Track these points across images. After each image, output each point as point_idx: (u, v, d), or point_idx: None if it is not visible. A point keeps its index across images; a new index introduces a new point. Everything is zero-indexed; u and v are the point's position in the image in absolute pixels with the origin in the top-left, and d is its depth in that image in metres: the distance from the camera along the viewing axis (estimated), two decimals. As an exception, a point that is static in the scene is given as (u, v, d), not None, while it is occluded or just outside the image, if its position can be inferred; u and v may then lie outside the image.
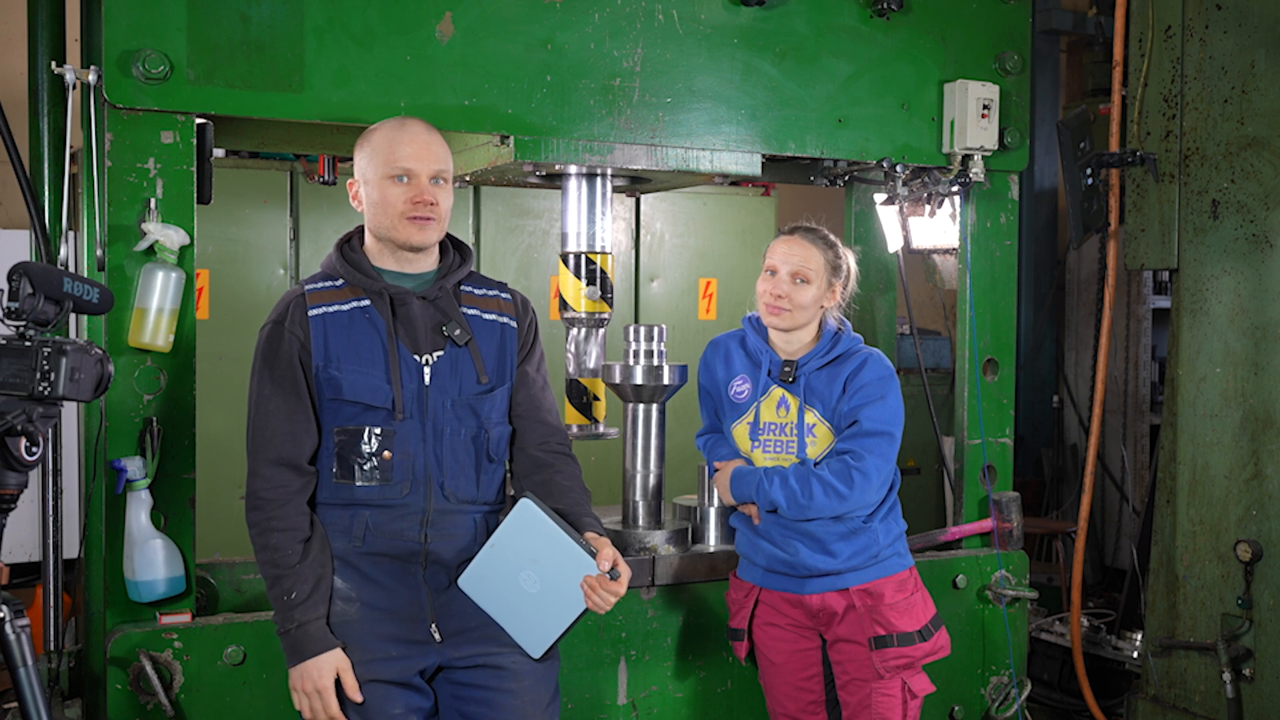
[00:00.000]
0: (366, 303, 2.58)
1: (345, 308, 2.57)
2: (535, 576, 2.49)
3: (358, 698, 2.47)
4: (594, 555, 2.46)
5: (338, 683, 2.48)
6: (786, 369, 3.12)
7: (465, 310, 2.65)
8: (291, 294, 2.60)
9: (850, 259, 3.18)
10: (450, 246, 2.71)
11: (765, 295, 3.10)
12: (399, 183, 2.54)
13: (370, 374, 2.54)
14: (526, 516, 2.48)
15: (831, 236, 3.16)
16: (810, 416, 3.09)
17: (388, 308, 2.57)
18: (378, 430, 2.53)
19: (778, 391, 3.13)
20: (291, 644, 2.48)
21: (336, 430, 2.55)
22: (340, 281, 2.60)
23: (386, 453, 2.53)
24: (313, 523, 2.55)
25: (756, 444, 3.15)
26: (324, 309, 2.56)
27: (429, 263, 2.65)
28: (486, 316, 2.67)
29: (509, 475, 2.77)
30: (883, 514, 3.12)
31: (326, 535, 2.57)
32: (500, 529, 2.52)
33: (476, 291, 2.69)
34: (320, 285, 2.60)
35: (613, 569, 2.47)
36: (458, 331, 2.60)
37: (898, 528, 3.17)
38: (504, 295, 2.73)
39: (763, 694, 3.30)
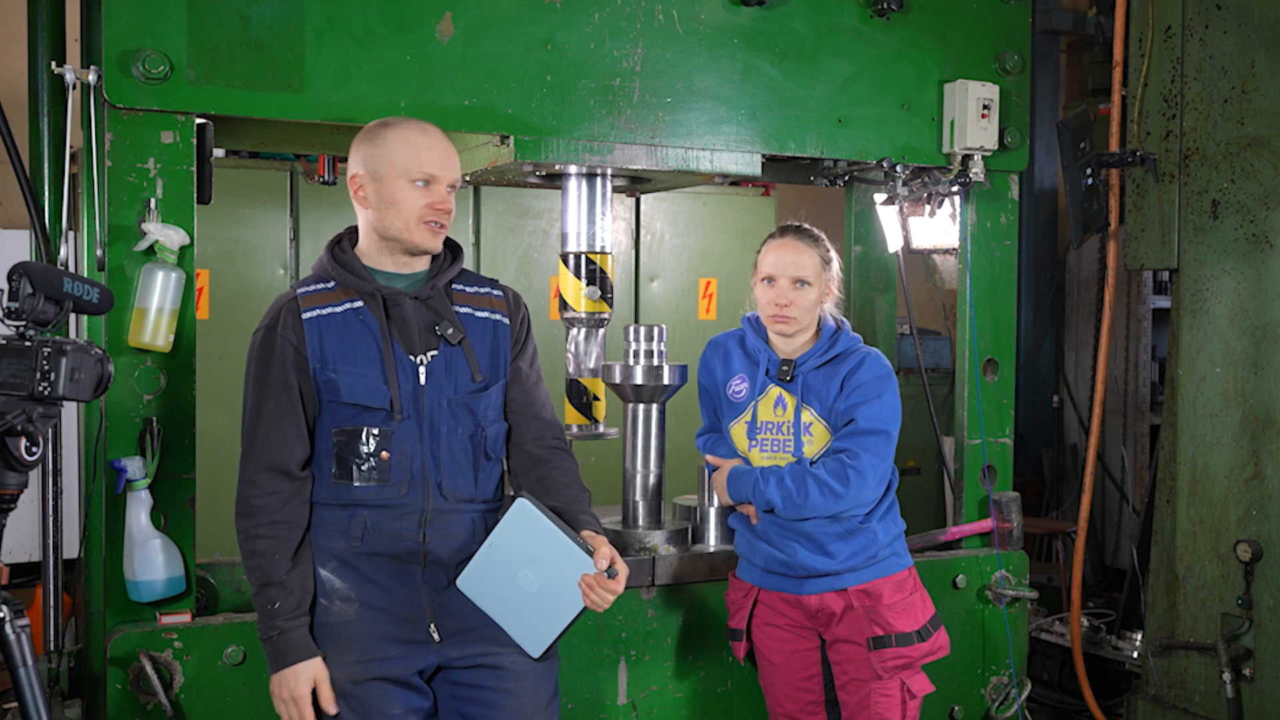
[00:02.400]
0: (360, 304, 2.57)
1: (339, 310, 2.56)
2: (533, 576, 2.49)
3: (331, 709, 2.49)
4: (591, 554, 2.46)
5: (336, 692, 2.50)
6: (784, 368, 3.12)
7: (458, 309, 2.65)
8: (283, 298, 2.59)
9: (833, 249, 3.19)
10: (442, 246, 2.72)
11: (769, 306, 3.10)
12: (420, 187, 2.54)
13: (367, 375, 2.54)
14: (524, 516, 2.48)
15: (817, 231, 3.16)
16: (807, 415, 3.09)
17: (381, 309, 2.56)
18: (375, 431, 2.53)
19: (775, 390, 3.14)
20: (274, 650, 2.49)
21: (335, 431, 2.55)
22: (332, 284, 2.59)
23: (384, 453, 2.53)
24: (304, 531, 2.55)
25: (754, 443, 3.15)
26: (317, 312, 2.55)
27: (421, 263, 2.65)
28: (479, 314, 2.67)
29: (506, 472, 2.77)
30: (880, 514, 3.12)
31: (321, 538, 2.57)
32: (498, 528, 2.51)
33: (468, 289, 2.69)
34: (312, 288, 2.59)
35: (610, 567, 2.47)
36: (450, 330, 2.59)
37: (896, 528, 3.17)
38: (495, 292, 2.72)
39: (762, 694, 3.30)
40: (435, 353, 2.59)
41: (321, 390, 2.54)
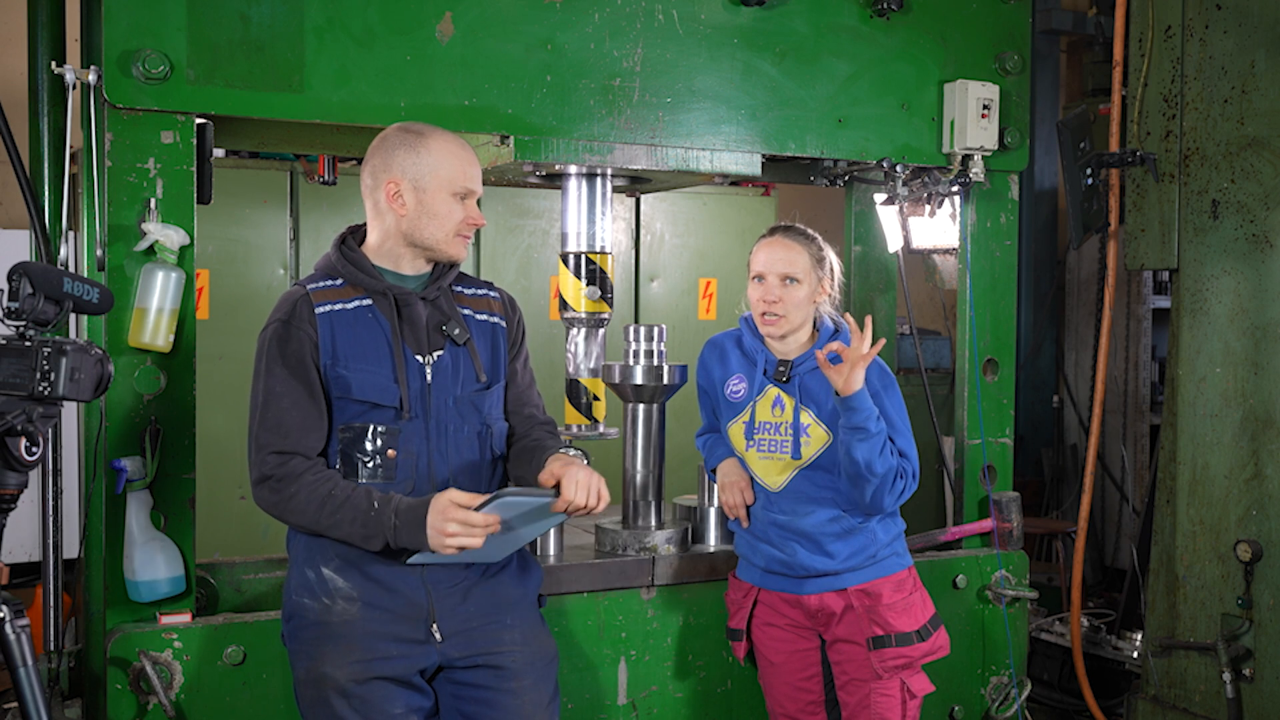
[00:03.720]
0: (369, 302, 2.59)
1: (350, 306, 2.58)
2: (515, 523, 2.51)
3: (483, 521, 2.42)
4: (554, 494, 2.47)
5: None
6: (781, 369, 3.12)
7: (459, 310, 2.67)
8: (294, 293, 2.59)
9: (830, 250, 3.17)
10: None
11: (758, 304, 3.10)
12: (460, 201, 2.59)
13: (377, 373, 2.55)
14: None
15: (810, 231, 3.16)
16: (805, 416, 3.09)
17: (392, 308, 2.58)
18: (381, 429, 2.54)
19: (773, 391, 3.13)
20: (407, 525, 2.41)
21: (341, 427, 2.55)
22: (340, 281, 2.60)
23: (391, 451, 2.54)
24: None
25: (751, 443, 3.15)
26: (330, 307, 2.56)
27: (426, 264, 2.67)
28: (479, 316, 2.70)
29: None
30: (881, 514, 3.12)
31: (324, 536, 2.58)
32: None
33: (467, 292, 2.72)
34: (321, 284, 2.60)
35: (571, 504, 2.47)
36: (456, 330, 2.62)
37: (896, 528, 3.17)
38: (493, 295, 2.76)
39: (762, 694, 3.30)
40: (441, 352, 2.61)
41: (332, 386, 2.54)
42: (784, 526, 3.10)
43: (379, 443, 2.54)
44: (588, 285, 3.65)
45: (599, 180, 3.65)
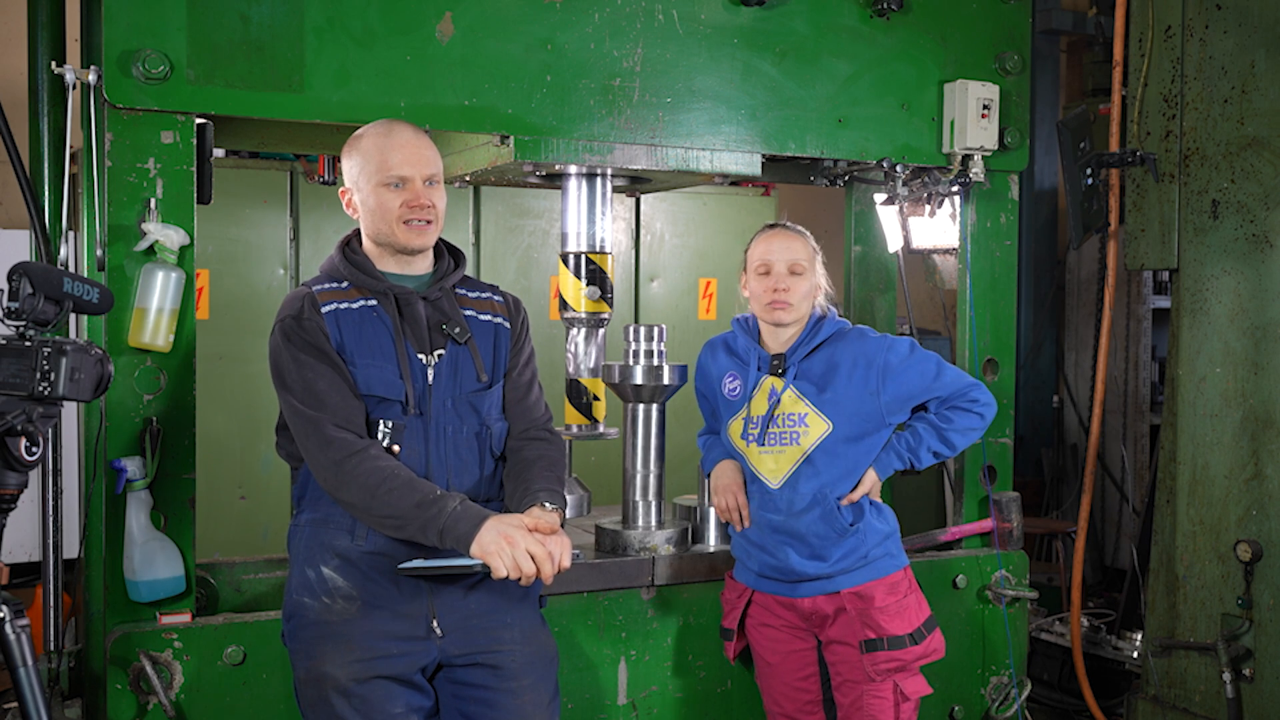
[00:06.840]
0: (374, 302, 2.61)
1: (355, 306, 2.60)
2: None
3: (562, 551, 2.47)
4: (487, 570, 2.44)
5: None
6: (775, 362, 3.12)
7: (462, 311, 2.68)
8: (299, 293, 2.61)
9: (817, 247, 3.22)
10: (444, 250, 2.75)
11: (767, 294, 3.09)
12: (394, 189, 2.58)
13: (384, 368, 2.57)
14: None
15: (799, 227, 3.21)
16: (802, 406, 3.08)
17: (394, 307, 2.59)
18: (388, 424, 2.55)
19: (768, 384, 3.13)
20: (461, 519, 2.42)
21: None
22: (345, 283, 2.62)
23: (396, 447, 2.54)
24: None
25: (752, 439, 3.14)
26: (335, 306, 2.59)
27: (426, 265, 2.70)
28: (481, 317, 2.71)
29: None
30: (871, 513, 3.12)
31: (324, 535, 2.58)
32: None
33: (470, 294, 2.73)
34: (325, 286, 2.62)
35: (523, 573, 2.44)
36: (457, 330, 2.63)
37: (887, 526, 3.16)
38: (496, 297, 2.78)
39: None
40: (443, 352, 2.62)
41: None
42: (779, 529, 3.10)
43: (385, 441, 2.55)
44: (588, 285, 3.65)
45: (599, 180, 3.65)
